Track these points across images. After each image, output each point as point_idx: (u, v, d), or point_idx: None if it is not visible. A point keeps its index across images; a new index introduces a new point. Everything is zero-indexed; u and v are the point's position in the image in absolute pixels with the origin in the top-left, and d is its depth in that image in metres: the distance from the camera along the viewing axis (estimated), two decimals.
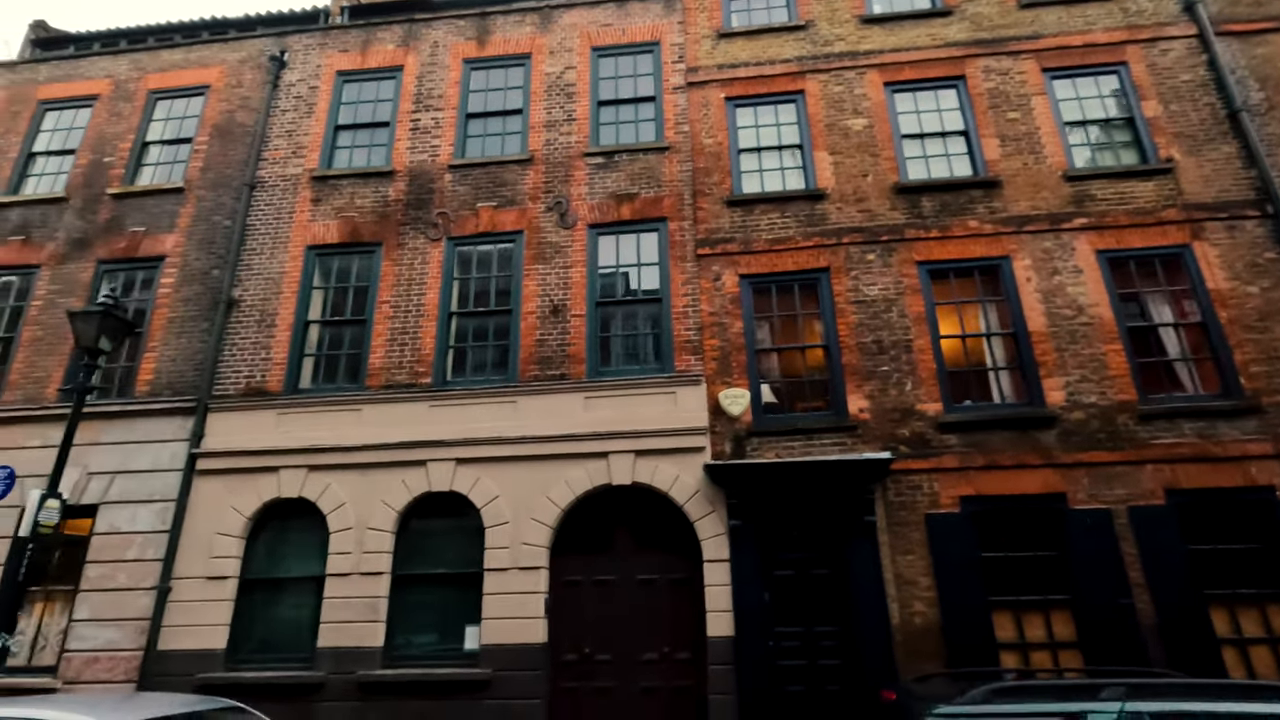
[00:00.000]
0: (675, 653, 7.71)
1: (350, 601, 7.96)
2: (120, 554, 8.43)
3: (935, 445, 7.91)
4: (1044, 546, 7.52)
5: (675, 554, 8.08)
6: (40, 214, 10.56)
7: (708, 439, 8.22)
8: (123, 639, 8.10)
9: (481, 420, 8.54)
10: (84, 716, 3.76)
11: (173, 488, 8.70)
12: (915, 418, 8.06)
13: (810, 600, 7.68)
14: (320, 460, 8.56)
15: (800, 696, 7.33)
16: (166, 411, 9.07)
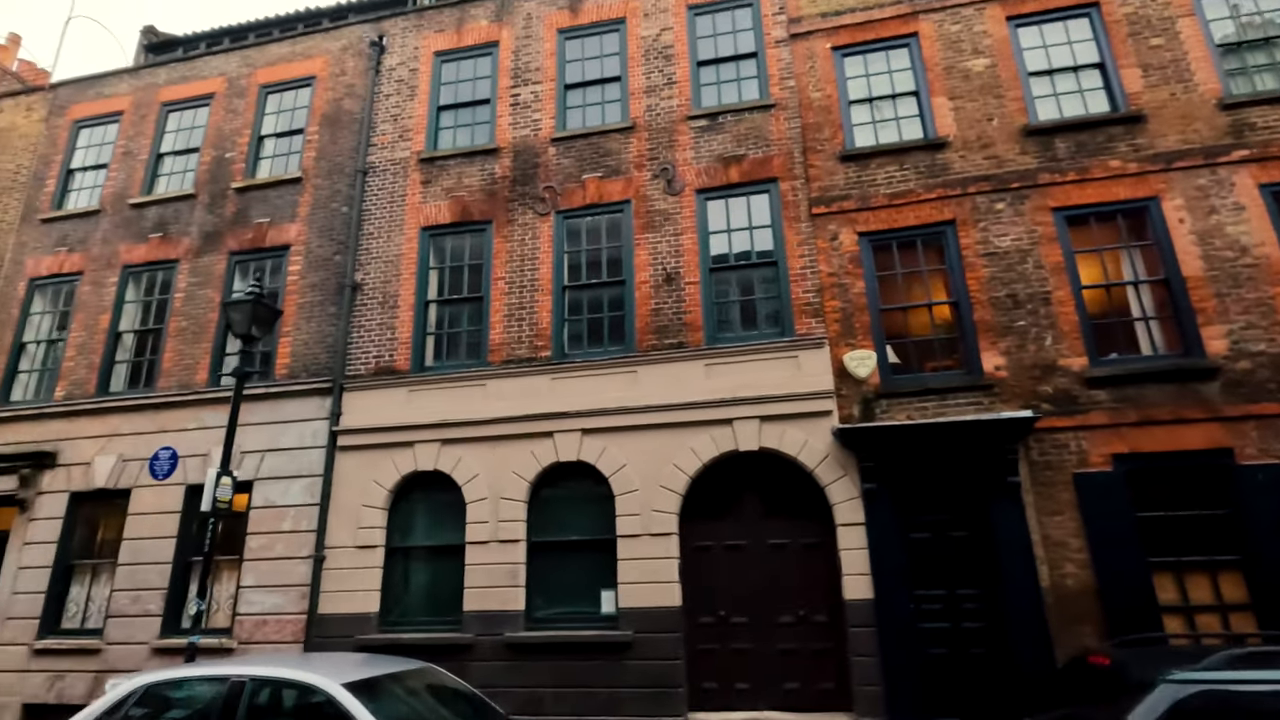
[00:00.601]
0: (812, 615, 7.73)
1: (490, 568, 8.32)
2: (276, 526, 9.06)
3: (1082, 402, 7.52)
4: (1208, 505, 7.09)
5: (805, 518, 8.04)
6: (174, 211, 11.23)
7: (834, 403, 8.09)
8: (286, 604, 8.75)
9: (603, 391, 8.67)
10: (327, 675, 4.07)
11: (318, 463, 9.24)
12: (1058, 373, 7.68)
13: (950, 563, 7.53)
14: (451, 434, 8.90)
15: (944, 659, 7.24)
16: (305, 392, 9.60)
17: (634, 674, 7.61)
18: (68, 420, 10.33)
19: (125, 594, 9.24)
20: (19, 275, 11.52)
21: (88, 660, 9.06)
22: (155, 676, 4.36)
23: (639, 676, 7.59)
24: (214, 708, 4.07)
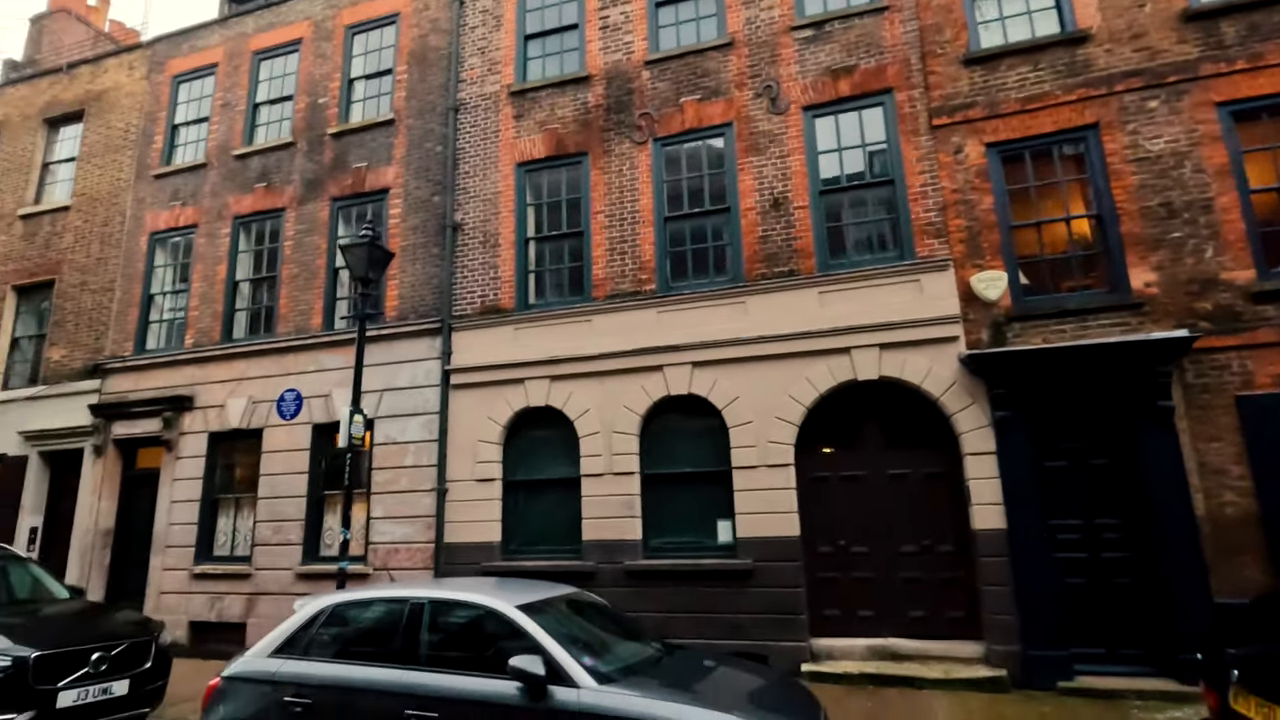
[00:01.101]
0: (937, 545, 7.58)
1: (606, 499, 8.49)
2: (399, 461, 9.47)
3: (1247, 318, 6.87)
4: None
5: (928, 448, 7.79)
6: (275, 160, 11.47)
7: (960, 328, 7.67)
8: (414, 533, 9.23)
9: (711, 323, 8.50)
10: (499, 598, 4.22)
11: (433, 402, 9.54)
12: (1219, 288, 7.01)
13: (1088, 491, 7.17)
14: (560, 370, 8.98)
15: (1083, 589, 6.99)
16: (416, 333, 9.84)
17: (754, 600, 7.70)
18: (199, 366, 10.99)
19: (267, 525, 9.95)
20: (139, 230, 12.12)
21: (240, 584, 9.88)
22: (341, 597, 4.64)
23: (759, 603, 7.68)
24: (397, 626, 4.30)
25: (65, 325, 12.14)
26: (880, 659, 7.31)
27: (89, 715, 5.69)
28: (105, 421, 11.21)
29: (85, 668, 5.69)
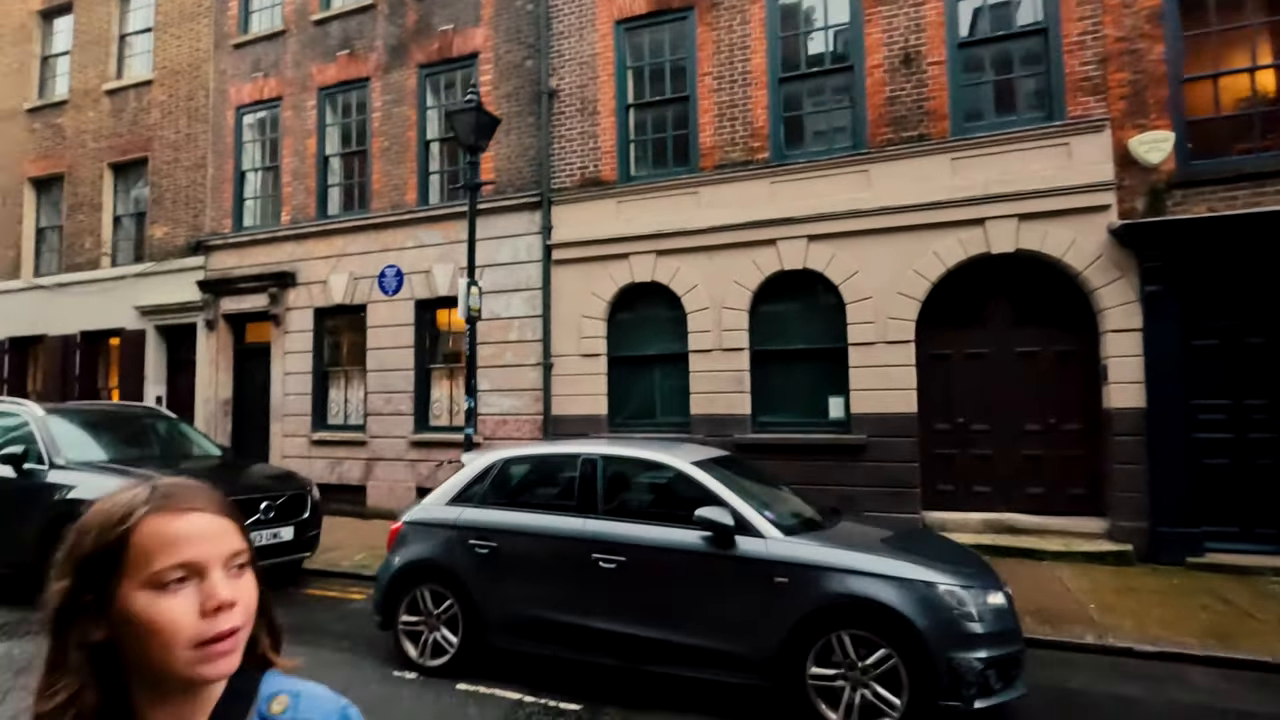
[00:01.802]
0: (1062, 424, 7.41)
1: (715, 375, 8.49)
2: (503, 336, 9.59)
3: None
4: None
5: (1060, 325, 7.45)
6: (356, 24, 10.96)
7: (1113, 196, 7.08)
8: (522, 406, 9.49)
9: (830, 194, 8.05)
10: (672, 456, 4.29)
11: (535, 277, 9.50)
12: None
13: (1239, 371, 6.81)
14: (666, 245, 8.76)
15: (1221, 469, 6.80)
16: (514, 208, 9.66)
17: (868, 474, 7.76)
18: (297, 243, 11.12)
19: (378, 396, 10.37)
20: (225, 104, 11.95)
21: (357, 450, 10.46)
22: (512, 453, 4.80)
23: (872, 477, 7.75)
24: (573, 479, 4.43)
25: (163, 203, 12.33)
26: (996, 532, 7.38)
27: (262, 556, 6.18)
28: (214, 297, 11.59)
29: (256, 514, 6.15)
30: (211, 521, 0.79)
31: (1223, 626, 5.10)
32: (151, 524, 0.76)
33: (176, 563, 0.75)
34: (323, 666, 4.58)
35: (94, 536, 0.75)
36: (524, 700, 4.06)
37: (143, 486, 0.80)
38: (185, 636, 0.74)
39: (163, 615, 0.73)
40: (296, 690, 0.85)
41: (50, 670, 0.74)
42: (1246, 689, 4.24)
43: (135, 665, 0.75)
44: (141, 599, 0.74)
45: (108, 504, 0.78)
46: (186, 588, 0.75)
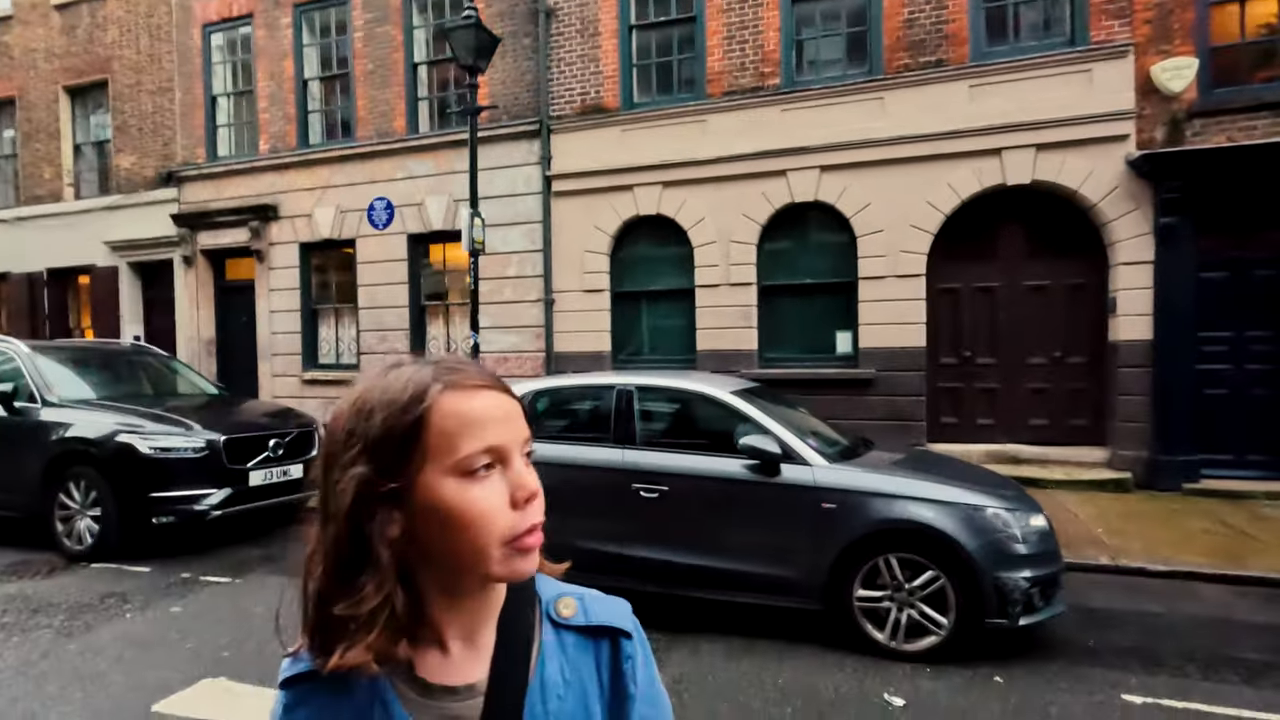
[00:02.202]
0: (1068, 357, 7.50)
1: (721, 310, 8.38)
2: (502, 271, 9.32)
3: None
4: None
5: (1070, 258, 7.45)
6: None
7: (1132, 125, 6.98)
8: (522, 343, 9.32)
9: (842, 122, 7.82)
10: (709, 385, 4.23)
11: (534, 210, 9.18)
12: None
13: (1243, 304, 6.90)
14: (672, 176, 8.48)
15: (1221, 400, 6.97)
16: (511, 136, 9.24)
17: (874, 407, 7.82)
18: (278, 174, 10.57)
19: (371, 334, 10.10)
20: (190, 22, 11.10)
21: None
22: (541, 384, 4.69)
23: (879, 410, 7.81)
24: (608, 410, 4.34)
25: (128, 130, 11.57)
26: (999, 462, 7.49)
27: (272, 493, 6.08)
28: (190, 232, 11.04)
29: (265, 452, 5.99)
30: (505, 402, 0.67)
31: (1226, 547, 5.30)
32: (449, 403, 0.63)
33: (484, 447, 0.63)
34: None
35: (384, 418, 0.63)
36: None
37: (418, 362, 0.67)
38: (500, 530, 0.63)
39: (475, 506, 0.62)
40: (579, 593, 0.75)
41: (345, 570, 0.62)
42: (1256, 603, 4.43)
43: (436, 563, 0.64)
44: (450, 487, 0.62)
45: (385, 381, 0.65)
46: (492, 476, 0.64)
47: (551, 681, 0.68)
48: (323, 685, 0.65)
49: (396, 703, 0.64)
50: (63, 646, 3.85)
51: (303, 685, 0.66)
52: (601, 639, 0.73)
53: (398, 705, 0.64)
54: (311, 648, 0.65)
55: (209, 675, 3.49)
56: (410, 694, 0.65)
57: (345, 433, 0.64)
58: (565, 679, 0.69)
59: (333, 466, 0.63)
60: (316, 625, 0.64)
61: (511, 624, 0.69)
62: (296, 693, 0.66)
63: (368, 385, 0.66)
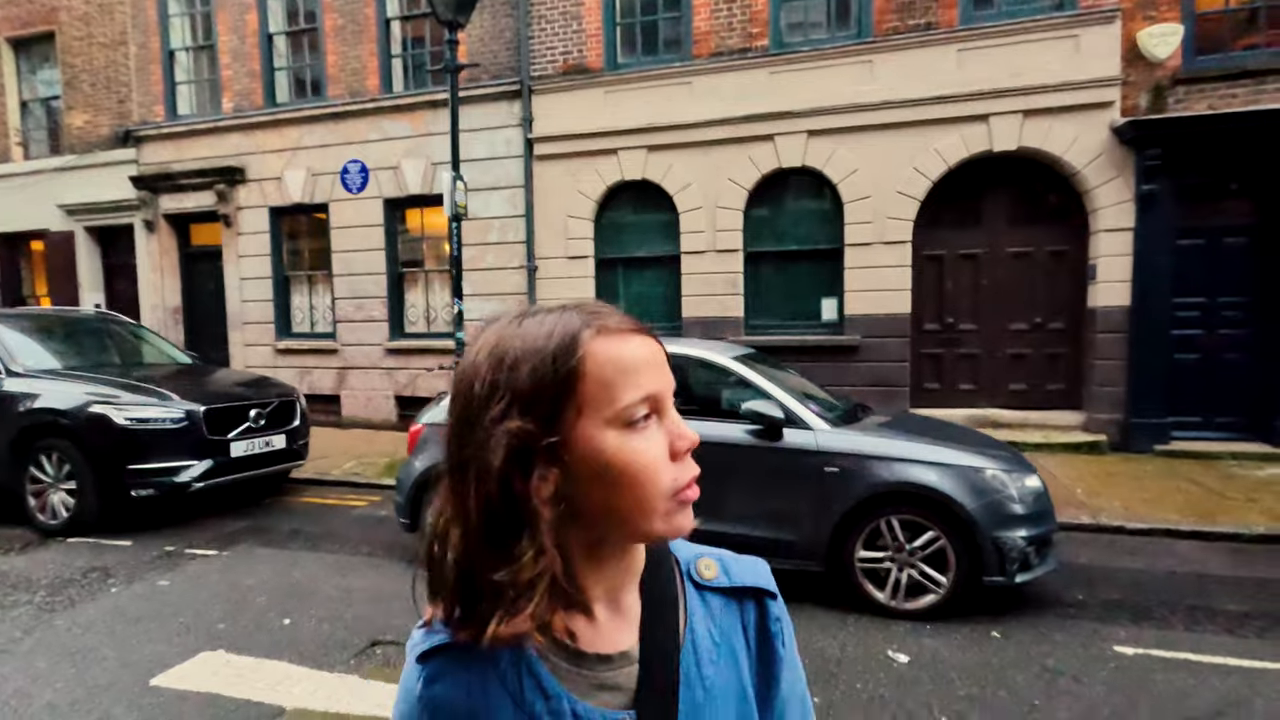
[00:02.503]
0: (1048, 323, 7.64)
1: (708, 277, 8.33)
2: (483, 237, 9.12)
3: None
4: None
5: (1053, 225, 7.55)
6: None
7: (1117, 92, 7.02)
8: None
9: (831, 85, 7.73)
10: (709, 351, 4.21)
11: (516, 174, 8.96)
12: None
13: (1217, 270, 7.08)
14: (658, 140, 8.33)
15: (1193, 364, 7.18)
16: (491, 97, 8.95)
17: (859, 374, 7.89)
18: (244, 134, 10.12)
19: (348, 302, 9.84)
20: None
21: (328, 359, 10.00)
22: None
23: (864, 376, 7.88)
24: None
25: (79, 86, 10.94)
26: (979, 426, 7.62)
27: (256, 464, 5.94)
28: (151, 195, 10.56)
29: (247, 422, 5.83)
30: (655, 347, 0.61)
31: (1199, 505, 5.51)
32: (603, 349, 0.58)
33: (643, 395, 0.58)
34: (353, 570, 4.48)
35: (532, 368, 0.56)
36: None
37: (559, 308, 0.61)
38: (665, 483, 0.58)
39: (640, 458, 0.57)
40: (716, 554, 0.71)
41: (496, 533, 0.56)
42: (1227, 557, 4.62)
43: (587, 522, 0.59)
44: (612, 439, 0.57)
45: (523, 329, 0.59)
46: (651, 426, 0.59)
47: (703, 646, 0.64)
48: (463, 657, 0.60)
49: (547, 673, 0.59)
50: (47, 623, 3.73)
51: (441, 657, 0.60)
52: (746, 600, 0.69)
53: (549, 675, 0.59)
54: (450, 618, 0.60)
55: (206, 649, 3.42)
56: (560, 663, 0.60)
57: (486, 385, 0.57)
58: (715, 642, 0.65)
59: (474, 423, 0.57)
60: (460, 594, 0.59)
61: (655, 587, 0.65)
62: (435, 666, 0.60)
63: (501, 334, 0.60)
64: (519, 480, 0.56)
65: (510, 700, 0.58)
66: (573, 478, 0.57)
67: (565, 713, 0.58)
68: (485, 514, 0.57)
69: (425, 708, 0.60)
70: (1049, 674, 3.12)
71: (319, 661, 3.29)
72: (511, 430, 0.55)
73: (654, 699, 0.60)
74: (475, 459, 0.57)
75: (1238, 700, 2.89)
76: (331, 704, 2.94)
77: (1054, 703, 2.89)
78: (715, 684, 0.63)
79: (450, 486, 0.59)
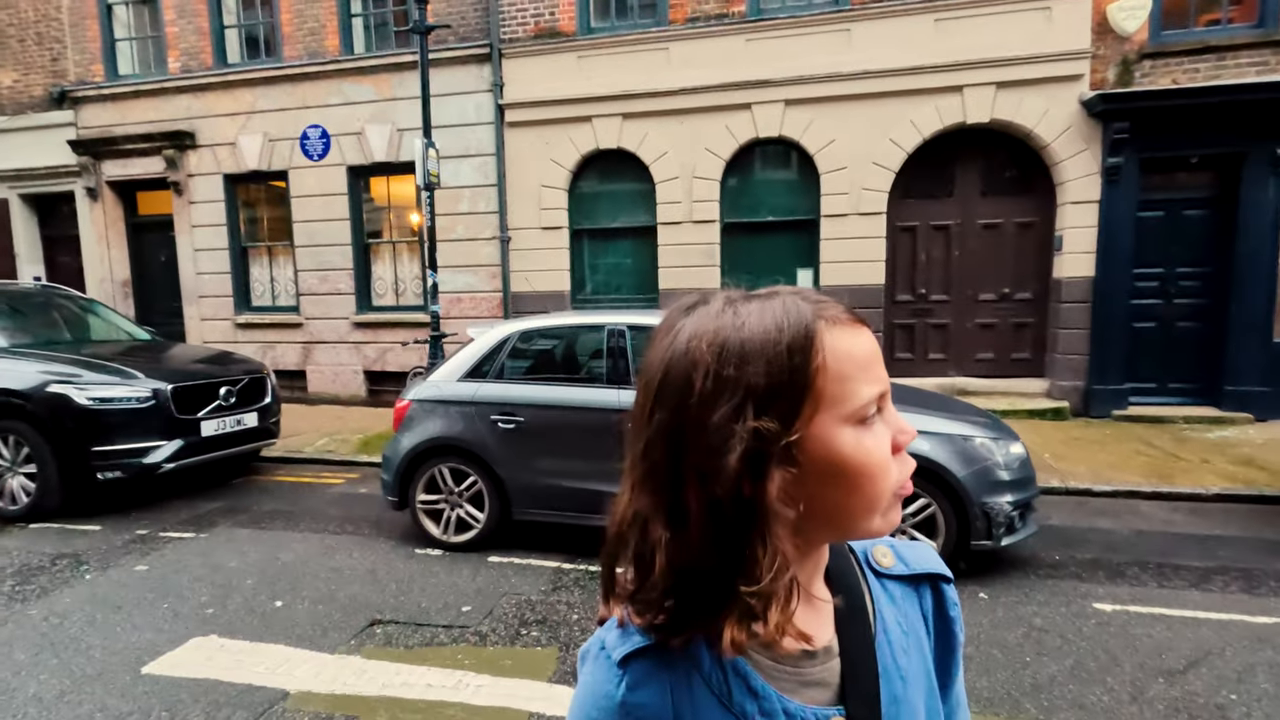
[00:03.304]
0: (1015, 293, 7.84)
1: (684, 248, 8.29)
2: (453, 207, 8.87)
3: None
4: None
5: (1023, 197, 7.70)
6: None
7: (1087, 65, 7.14)
8: (478, 283, 8.98)
9: (809, 54, 7.67)
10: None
11: (486, 142, 8.71)
12: None
13: (1175, 242, 7.34)
14: (633, 108, 8.18)
15: (1150, 333, 7.47)
16: (460, 60, 8.64)
17: None
18: (194, 96, 9.58)
19: (312, 274, 9.50)
20: None
21: (292, 333, 9.68)
22: (529, 325, 4.50)
23: None
24: (600, 350, 4.25)
25: (7, 43, 10.17)
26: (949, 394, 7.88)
27: (228, 444, 5.75)
28: (93, 160, 9.95)
29: (217, 400, 5.62)
30: (876, 341, 0.58)
31: (1158, 467, 5.78)
32: (838, 342, 0.54)
33: (879, 392, 0.56)
34: (340, 550, 4.39)
35: (768, 360, 0.52)
36: (563, 567, 4.08)
37: (770, 294, 0.57)
38: (893, 480, 0.56)
39: (873, 456, 0.54)
40: (889, 541, 0.69)
41: (723, 536, 0.53)
42: (1188, 516, 4.88)
43: (813, 520, 0.56)
44: (849, 437, 0.54)
45: (740, 319, 0.54)
46: (877, 422, 0.56)
47: (895, 636, 0.63)
48: (665, 658, 0.57)
49: (754, 672, 0.57)
50: (21, 613, 3.57)
51: (643, 660, 0.58)
52: (923, 585, 0.68)
53: (756, 675, 0.57)
54: (654, 623, 0.57)
55: (197, 634, 3.32)
56: (765, 660, 0.58)
57: (711, 380, 0.53)
58: (904, 631, 0.64)
59: (697, 422, 0.53)
60: (678, 599, 0.55)
61: (842, 579, 0.63)
62: (639, 669, 0.57)
63: (718, 324, 0.55)
64: (748, 482, 0.53)
65: (718, 702, 0.56)
66: (804, 477, 0.54)
67: (777, 712, 0.56)
68: (712, 518, 0.53)
69: (628, 713, 0.57)
70: (1037, 632, 3.26)
71: (317, 643, 3.23)
72: (754, 430, 0.52)
73: (860, 693, 0.59)
74: (700, 459, 0.53)
75: (1211, 650, 3.07)
76: (336, 686, 2.89)
77: (1044, 659, 3.03)
78: (910, 674, 0.63)
79: (654, 486, 0.55)
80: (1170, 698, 2.72)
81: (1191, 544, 4.34)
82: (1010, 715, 2.64)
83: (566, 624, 3.41)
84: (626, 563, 0.58)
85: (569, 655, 3.10)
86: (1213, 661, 2.99)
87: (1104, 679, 2.86)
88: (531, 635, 3.30)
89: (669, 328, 0.57)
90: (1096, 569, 3.96)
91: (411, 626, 3.39)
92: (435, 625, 3.40)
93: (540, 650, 3.16)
